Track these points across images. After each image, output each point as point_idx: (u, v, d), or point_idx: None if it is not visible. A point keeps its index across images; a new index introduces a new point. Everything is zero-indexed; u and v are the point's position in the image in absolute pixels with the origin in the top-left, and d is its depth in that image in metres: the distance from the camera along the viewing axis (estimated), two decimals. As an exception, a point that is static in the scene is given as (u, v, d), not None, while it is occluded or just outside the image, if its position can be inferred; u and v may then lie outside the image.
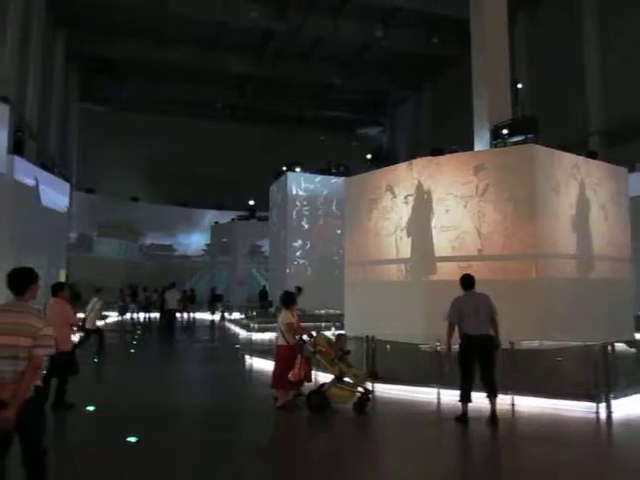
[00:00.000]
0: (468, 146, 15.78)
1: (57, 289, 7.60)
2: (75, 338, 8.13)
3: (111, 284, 26.39)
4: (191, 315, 23.92)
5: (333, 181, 23.49)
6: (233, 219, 34.05)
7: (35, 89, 25.23)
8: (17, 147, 20.23)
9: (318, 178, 23.71)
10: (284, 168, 23.84)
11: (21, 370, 3.44)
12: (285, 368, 7.36)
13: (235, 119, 36.48)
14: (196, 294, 25.87)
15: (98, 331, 12.35)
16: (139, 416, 7.18)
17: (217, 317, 25.29)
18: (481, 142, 15.94)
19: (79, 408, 7.30)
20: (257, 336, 15.33)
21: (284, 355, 7.50)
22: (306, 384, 7.65)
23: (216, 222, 36.05)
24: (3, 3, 20.79)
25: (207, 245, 36.87)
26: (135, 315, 22.16)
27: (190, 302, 23.79)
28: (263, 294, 26.66)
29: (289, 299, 7.84)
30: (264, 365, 10.80)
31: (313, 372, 7.87)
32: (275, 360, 7.77)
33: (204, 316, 26.03)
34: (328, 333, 10.01)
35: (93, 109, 35.24)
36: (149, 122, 35.46)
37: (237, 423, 7.12)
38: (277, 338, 7.87)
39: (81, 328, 10.93)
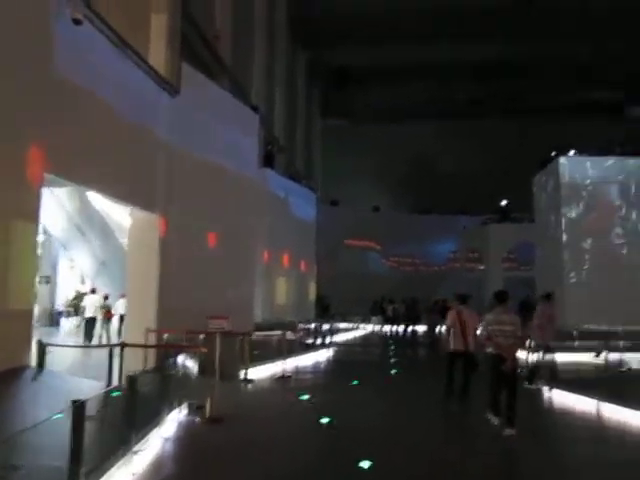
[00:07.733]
0: None
1: (466, 299, 8.43)
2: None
3: (355, 295, 25.30)
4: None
5: (632, 162, 18.88)
6: (485, 222, 30.83)
7: (281, 105, 25.79)
8: (268, 160, 20.62)
9: (610, 161, 19.16)
10: (553, 154, 19.93)
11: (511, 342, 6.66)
12: None
13: (476, 116, 33.45)
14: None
15: None
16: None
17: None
18: None
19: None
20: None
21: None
22: None
23: (464, 227, 33.12)
24: (249, 27, 21.38)
25: (453, 252, 34.14)
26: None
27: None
28: (525, 305, 23.10)
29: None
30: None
31: None
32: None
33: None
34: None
35: (334, 123, 35.70)
36: (387, 130, 34.58)
37: None
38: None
39: None
